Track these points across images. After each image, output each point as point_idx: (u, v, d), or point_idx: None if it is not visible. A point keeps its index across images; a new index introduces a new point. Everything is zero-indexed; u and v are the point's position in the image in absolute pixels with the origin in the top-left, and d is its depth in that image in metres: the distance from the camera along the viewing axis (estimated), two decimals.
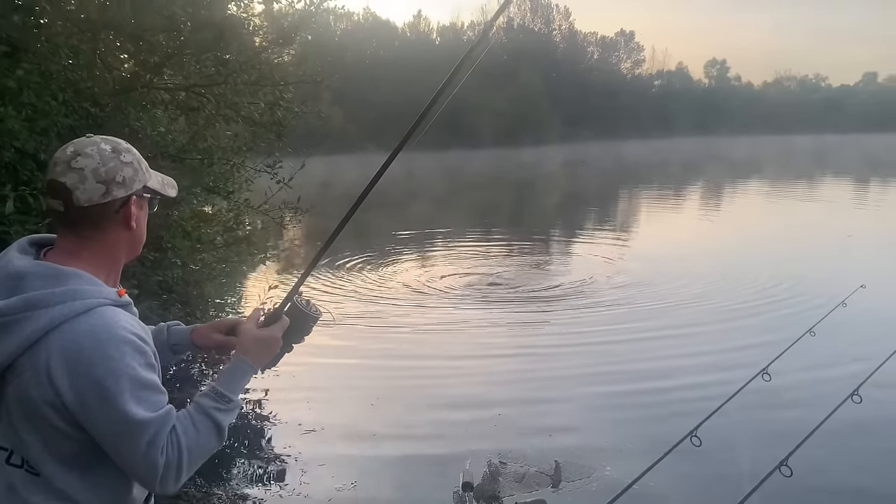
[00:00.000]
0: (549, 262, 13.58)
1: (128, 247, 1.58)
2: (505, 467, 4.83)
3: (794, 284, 10.24)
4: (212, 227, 6.62)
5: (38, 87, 4.17)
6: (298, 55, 6.49)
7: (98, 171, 1.45)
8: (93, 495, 1.47)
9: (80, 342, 1.39)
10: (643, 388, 6.52)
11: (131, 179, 1.51)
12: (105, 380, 1.37)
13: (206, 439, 1.49)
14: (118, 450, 1.42)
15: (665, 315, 9.16)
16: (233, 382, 1.58)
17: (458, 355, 7.71)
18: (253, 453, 5.27)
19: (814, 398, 5.41)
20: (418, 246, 15.50)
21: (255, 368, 1.63)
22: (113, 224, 1.51)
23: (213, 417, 1.50)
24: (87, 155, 1.46)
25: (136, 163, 1.53)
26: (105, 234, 1.51)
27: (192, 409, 1.51)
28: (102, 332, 1.41)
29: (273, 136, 6.01)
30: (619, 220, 21.73)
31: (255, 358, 1.63)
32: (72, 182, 1.44)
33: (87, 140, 1.50)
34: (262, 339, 1.67)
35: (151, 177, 1.59)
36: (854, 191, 27.49)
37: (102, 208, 1.47)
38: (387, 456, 5.19)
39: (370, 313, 9.18)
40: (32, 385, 1.39)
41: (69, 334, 1.39)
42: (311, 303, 1.79)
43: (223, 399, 1.53)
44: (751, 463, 4.05)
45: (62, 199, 1.45)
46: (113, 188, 1.47)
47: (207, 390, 1.55)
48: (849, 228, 16.33)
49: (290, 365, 7.28)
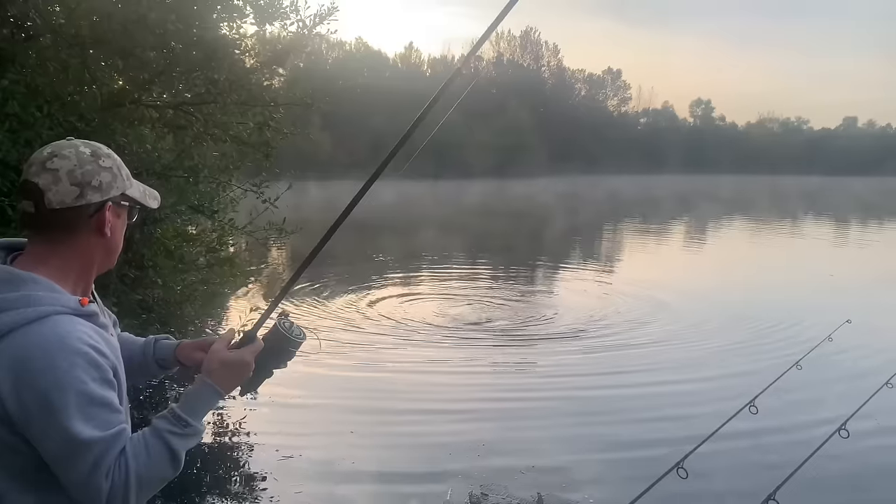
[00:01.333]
0: (537, 295, 13.56)
1: (101, 255, 1.50)
2: (487, 499, 4.73)
3: (780, 321, 10.26)
4: (195, 246, 6.54)
5: (22, 99, 4.12)
6: (289, 78, 6.49)
7: (73, 173, 1.39)
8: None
9: (28, 351, 1.30)
10: (629, 421, 6.47)
11: (108, 185, 1.43)
12: (50, 392, 1.28)
13: (159, 466, 1.38)
14: (61, 469, 1.32)
15: (652, 349, 9.13)
16: (193, 405, 1.47)
17: (440, 389, 7.58)
18: (227, 478, 5.15)
19: (801, 431, 5.38)
20: (404, 275, 15.40)
21: (219, 392, 1.51)
22: (85, 230, 1.44)
23: (168, 442, 1.39)
24: (64, 157, 1.39)
25: (115, 168, 1.46)
26: (76, 240, 1.43)
27: (147, 432, 1.41)
28: (53, 342, 1.31)
29: (261, 156, 5.97)
30: (608, 254, 21.77)
31: (218, 381, 1.52)
32: (45, 183, 1.37)
33: (66, 142, 1.44)
34: (229, 362, 1.54)
35: (132, 185, 1.52)
36: (836, 231, 27.85)
37: (75, 212, 1.40)
38: (365, 485, 5.07)
39: (352, 342, 9.03)
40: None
41: (18, 342, 1.30)
42: (294, 325, 1.66)
43: (180, 423, 1.42)
44: (738, 496, 3.99)
45: (34, 200, 1.38)
46: (87, 192, 1.40)
47: (165, 412, 1.44)
48: (831, 268, 16.51)
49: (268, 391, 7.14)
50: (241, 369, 1.56)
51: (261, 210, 6.25)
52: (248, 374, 1.57)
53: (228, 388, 1.55)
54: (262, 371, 1.62)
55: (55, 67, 4.86)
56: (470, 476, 5.04)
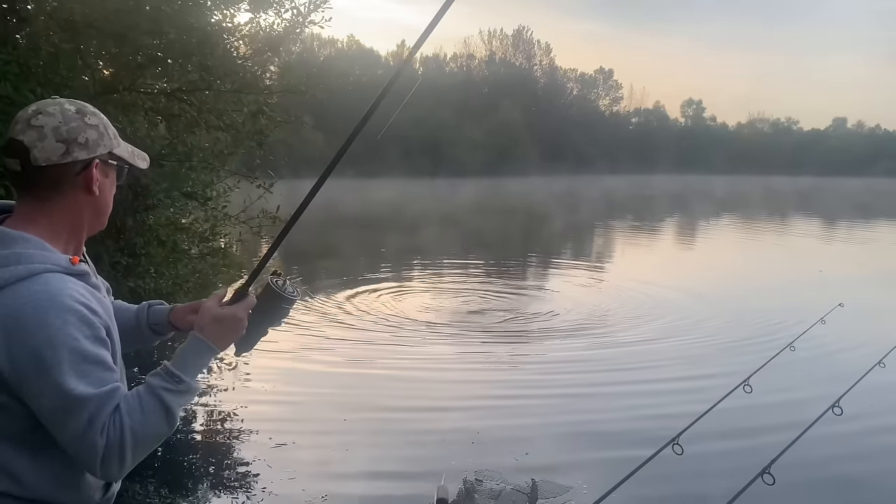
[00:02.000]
0: (530, 290, 13.56)
1: (90, 215, 1.48)
2: (481, 484, 4.72)
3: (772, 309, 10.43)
4: (187, 236, 6.50)
5: (15, 80, 4.09)
6: (283, 65, 6.47)
7: (59, 130, 1.37)
8: (44, 478, 1.37)
9: (19, 309, 1.29)
10: (624, 406, 6.50)
11: (95, 143, 1.42)
12: (42, 350, 1.27)
13: (153, 422, 1.36)
14: (56, 427, 1.31)
15: (646, 336, 9.22)
16: (186, 362, 1.45)
17: (434, 380, 7.55)
18: (221, 464, 5.13)
19: (794, 409, 5.40)
20: (398, 271, 15.37)
21: (212, 348, 1.49)
22: (73, 188, 1.42)
23: (162, 399, 1.38)
24: (49, 113, 1.38)
25: (101, 127, 1.45)
26: (64, 199, 1.42)
27: (141, 390, 1.39)
28: (44, 299, 1.30)
29: (254, 144, 5.95)
30: (601, 251, 21.83)
31: (211, 336, 1.49)
32: (30, 140, 1.36)
33: (51, 100, 1.43)
34: (221, 317, 1.52)
35: (120, 145, 1.51)
36: (826, 230, 28.03)
37: (62, 169, 1.39)
38: (359, 470, 5.05)
39: (345, 336, 9.01)
40: None
41: (9, 300, 1.30)
42: (287, 283, 1.66)
43: (174, 379, 1.41)
44: (732, 471, 4.02)
45: (19, 157, 1.36)
46: (74, 149, 1.39)
47: (158, 370, 1.43)
48: (821, 264, 16.64)
49: (262, 379, 7.13)
50: (233, 325, 1.54)
51: (254, 198, 6.23)
52: (241, 330, 1.56)
53: (222, 345, 1.53)
54: (257, 330, 1.61)
55: (47, 51, 4.83)
56: (464, 462, 5.04)
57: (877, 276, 15.03)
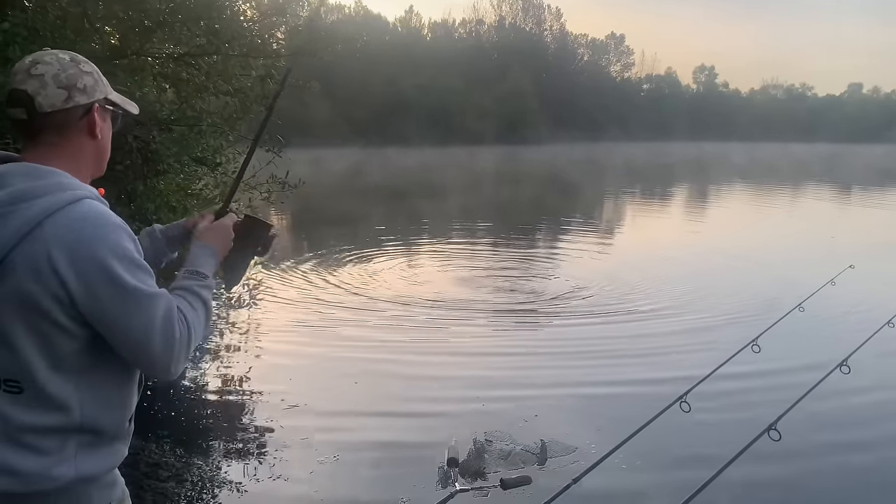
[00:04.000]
0: (541, 255, 13.57)
1: (92, 159, 1.56)
2: (491, 445, 4.79)
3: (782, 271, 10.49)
4: (198, 201, 6.52)
5: (24, 43, 4.08)
6: (290, 28, 6.41)
7: (59, 77, 1.44)
8: (87, 400, 1.45)
9: (77, 228, 1.37)
10: (633, 368, 6.55)
11: (92, 88, 1.49)
12: (107, 260, 1.36)
13: (203, 316, 1.53)
14: (131, 329, 1.40)
15: (657, 296, 9.31)
16: (199, 262, 1.61)
17: (444, 343, 7.62)
18: (234, 426, 5.22)
19: (803, 369, 5.45)
20: (407, 241, 15.37)
21: (213, 251, 1.65)
22: (77, 132, 1.49)
23: (201, 295, 1.54)
24: (46, 62, 1.44)
25: (96, 74, 1.52)
26: (69, 142, 1.50)
27: (180, 292, 1.52)
28: (98, 218, 1.40)
29: (263, 108, 5.92)
30: (616, 217, 21.71)
31: (209, 240, 1.67)
32: (33, 88, 1.42)
33: (45, 52, 1.50)
34: (214, 226, 1.72)
35: (112, 91, 1.58)
36: (840, 196, 27.77)
37: (65, 114, 1.46)
38: (369, 432, 5.13)
39: (357, 302, 9.06)
40: (31, 278, 1.35)
41: (64, 222, 1.37)
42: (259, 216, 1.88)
43: (200, 275, 1.57)
44: (739, 427, 4.06)
45: (25, 106, 1.42)
46: (75, 94, 1.45)
47: (182, 275, 1.57)
48: (834, 231, 16.54)
49: (274, 343, 7.18)
50: (224, 231, 1.72)
51: (263, 164, 6.21)
52: (230, 237, 1.72)
53: (220, 248, 1.68)
54: (241, 260, 1.79)
55: (55, 15, 4.81)
56: (474, 424, 5.10)
57: (891, 240, 14.91)
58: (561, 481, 2.26)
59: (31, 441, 1.41)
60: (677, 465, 4.42)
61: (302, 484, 4.30)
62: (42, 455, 1.41)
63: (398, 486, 4.23)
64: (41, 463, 1.41)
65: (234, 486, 4.26)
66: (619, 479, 4.15)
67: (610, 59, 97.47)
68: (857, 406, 5.26)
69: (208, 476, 4.38)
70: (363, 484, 4.37)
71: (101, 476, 1.50)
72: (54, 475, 1.42)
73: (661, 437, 3.90)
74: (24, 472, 1.40)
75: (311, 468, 4.47)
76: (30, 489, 1.42)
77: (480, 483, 4.22)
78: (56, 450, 1.42)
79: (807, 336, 6.21)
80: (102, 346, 1.44)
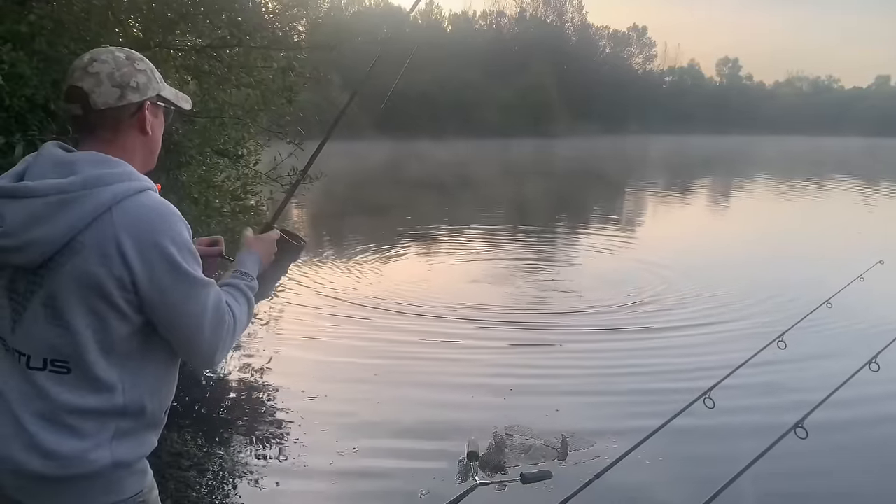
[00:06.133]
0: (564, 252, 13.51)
1: (143, 154, 1.63)
2: (511, 439, 4.77)
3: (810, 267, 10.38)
4: (220, 193, 6.54)
5: (50, 36, 4.11)
6: (311, 21, 6.41)
7: (113, 76, 1.52)
8: (130, 385, 1.50)
9: (145, 215, 1.46)
10: (657, 363, 6.48)
11: (145, 86, 1.57)
12: (169, 248, 1.45)
13: (247, 312, 1.64)
14: (185, 315, 1.48)
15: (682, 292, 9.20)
16: (247, 266, 1.72)
17: (464, 337, 7.53)
18: (255, 417, 5.25)
19: (830, 366, 5.37)
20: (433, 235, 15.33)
21: (259, 259, 1.76)
22: (129, 128, 1.57)
23: (246, 293, 1.66)
24: (103, 61, 1.53)
25: (149, 71, 1.60)
26: (122, 139, 1.57)
27: (228, 288, 1.64)
28: (163, 209, 1.50)
29: (284, 100, 5.93)
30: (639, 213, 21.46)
31: (258, 248, 1.78)
32: (88, 86, 1.50)
33: (102, 49, 1.57)
34: (260, 238, 1.82)
35: (165, 88, 1.66)
36: (865, 191, 27.29)
37: (118, 111, 1.53)
38: (389, 424, 5.13)
39: (380, 294, 9.04)
40: (97, 261, 1.42)
41: (133, 208, 1.45)
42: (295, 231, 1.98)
43: (248, 276, 1.69)
44: (764, 425, 4.01)
45: (80, 103, 1.51)
46: (128, 92, 1.54)
47: (231, 273, 1.70)
48: (861, 225, 16.28)
49: (294, 335, 7.21)
50: (269, 243, 1.83)
51: (284, 156, 6.22)
52: (274, 249, 1.83)
53: (264, 259, 1.79)
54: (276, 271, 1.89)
55: (80, 7, 4.84)
56: (494, 418, 5.08)
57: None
58: (582, 477, 2.25)
59: (72, 422, 1.45)
60: (701, 461, 4.37)
61: (321, 474, 4.32)
62: (80, 438, 1.45)
63: (418, 479, 4.23)
64: (79, 446, 1.45)
65: (254, 475, 4.29)
66: (642, 475, 4.12)
67: (632, 51, 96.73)
68: (886, 404, 5.14)
69: (229, 466, 4.41)
70: (382, 476, 4.38)
71: (134, 463, 1.54)
72: (91, 458, 1.46)
73: (685, 434, 3.88)
74: (62, 454, 1.44)
75: (330, 459, 4.49)
76: (67, 473, 1.45)
77: (501, 477, 4.22)
78: (94, 433, 1.46)
79: (834, 333, 6.13)
80: (151, 334, 1.52)
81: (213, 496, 4.10)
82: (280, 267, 1.89)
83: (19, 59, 3.82)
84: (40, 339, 1.45)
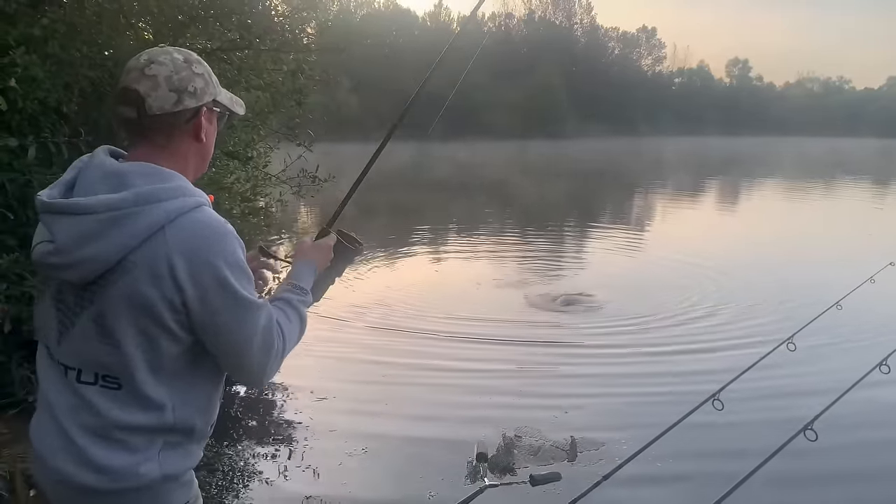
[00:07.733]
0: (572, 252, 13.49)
1: (196, 160, 1.56)
2: (520, 440, 4.77)
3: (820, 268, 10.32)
4: (230, 195, 6.58)
5: (62, 39, 4.15)
6: (320, 24, 6.44)
7: (171, 80, 1.43)
8: (179, 403, 1.47)
9: (198, 235, 1.39)
10: (666, 365, 6.46)
11: (202, 91, 1.49)
12: (223, 270, 1.40)
13: (298, 330, 1.60)
14: (235, 338, 1.44)
15: (691, 293, 9.16)
16: (303, 278, 1.68)
17: (474, 339, 7.50)
18: (264, 418, 5.27)
19: (839, 368, 5.34)
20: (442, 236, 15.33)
21: (314, 268, 1.73)
22: (183, 135, 1.49)
23: (299, 310, 1.61)
24: (161, 63, 1.44)
25: (206, 75, 1.51)
26: (175, 145, 1.49)
27: (280, 304, 1.59)
28: (218, 227, 1.43)
29: (294, 103, 5.96)
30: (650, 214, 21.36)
31: (314, 256, 1.75)
32: (145, 89, 1.42)
33: (160, 49, 1.49)
34: (317, 245, 1.79)
35: (221, 92, 1.57)
36: (877, 193, 27.09)
37: (173, 117, 1.45)
38: (398, 426, 5.13)
39: (389, 296, 9.02)
40: (148, 281, 1.36)
41: (187, 227, 1.39)
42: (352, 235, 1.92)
43: (303, 291, 1.65)
44: (774, 426, 3.99)
45: (135, 106, 1.43)
46: (185, 98, 1.45)
47: (286, 287, 1.65)
48: (871, 226, 16.19)
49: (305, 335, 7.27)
50: (326, 250, 1.79)
51: (294, 158, 6.25)
52: (330, 255, 1.79)
53: (320, 265, 1.76)
54: (330, 275, 1.84)
55: (92, 10, 4.88)
56: (504, 419, 5.08)
57: None
58: (591, 478, 2.24)
59: (122, 437, 1.43)
60: (710, 463, 4.35)
61: (330, 475, 4.33)
62: (130, 452, 1.44)
63: (426, 480, 4.23)
64: (130, 460, 1.43)
65: (263, 476, 4.30)
66: (651, 476, 4.11)
67: (641, 52, 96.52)
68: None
69: (238, 467, 4.43)
70: (391, 477, 4.39)
71: (181, 475, 1.52)
72: (141, 472, 1.44)
73: (694, 435, 3.85)
74: (113, 468, 1.42)
75: (339, 460, 4.51)
76: (118, 486, 1.44)
77: (510, 478, 4.23)
78: (143, 448, 1.45)
79: (844, 334, 6.09)
80: (201, 353, 1.47)
81: (224, 496, 4.11)
82: (335, 271, 1.84)
83: (32, 62, 3.85)
84: (90, 355, 1.43)
